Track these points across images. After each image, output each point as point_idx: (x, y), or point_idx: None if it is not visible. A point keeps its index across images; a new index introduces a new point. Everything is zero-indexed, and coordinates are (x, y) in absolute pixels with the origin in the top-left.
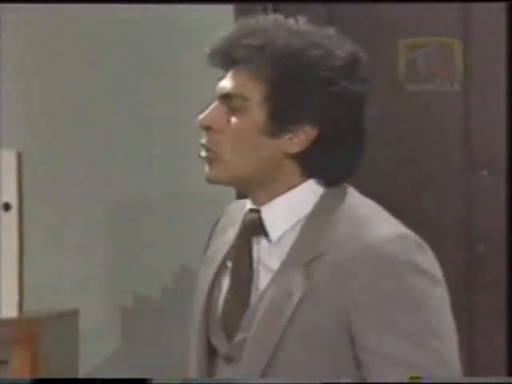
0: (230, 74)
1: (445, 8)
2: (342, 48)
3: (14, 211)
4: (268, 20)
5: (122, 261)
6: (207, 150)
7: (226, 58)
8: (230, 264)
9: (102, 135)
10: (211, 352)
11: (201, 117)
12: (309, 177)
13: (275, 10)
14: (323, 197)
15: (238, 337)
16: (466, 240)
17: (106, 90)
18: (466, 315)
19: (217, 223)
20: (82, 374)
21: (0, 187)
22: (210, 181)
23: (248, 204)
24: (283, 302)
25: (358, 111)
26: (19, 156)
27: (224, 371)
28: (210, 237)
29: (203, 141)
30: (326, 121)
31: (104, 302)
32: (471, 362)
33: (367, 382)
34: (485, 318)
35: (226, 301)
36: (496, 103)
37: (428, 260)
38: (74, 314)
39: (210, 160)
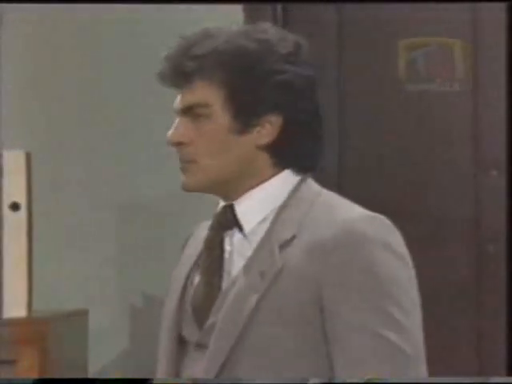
0: (185, 88)
1: (449, 8)
2: (283, 38)
3: (22, 211)
4: (203, 31)
5: (131, 261)
6: (184, 161)
7: (178, 73)
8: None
9: (105, 135)
10: (181, 344)
11: (169, 136)
12: (282, 167)
13: (284, 10)
14: (296, 187)
15: (208, 322)
16: (475, 240)
17: (106, 90)
18: (475, 315)
19: (188, 239)
20: (91, 374)
21: (9, 187)
22: (188, 189)
23: (220, 204)
24: (256, 281)
25: (313, 94)
26: (28, 156)
27: (194, 358)
28: (182, 252)
29: (179, 156)
30: (287, 107)
31: (113, 301)
32: (480, 361)
33: (334, 352)
34: (494, 318)
35: (197, 289)
36: (504, 102)
37: (398, 242)
38: (83, 314)
39: (187, 169)
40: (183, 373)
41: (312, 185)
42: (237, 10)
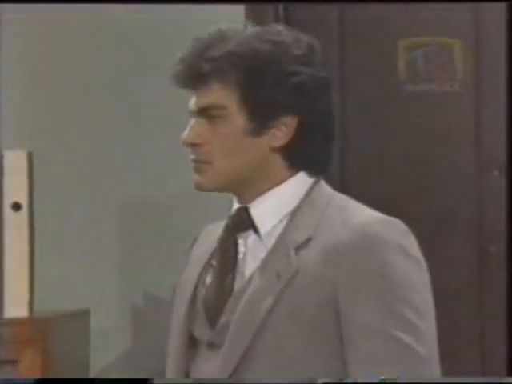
0: (200, 89)
1: (449, 8)
2: (297, 40)
3: (24, 211)
4: (218, 32)
5: (132, 261)
6: (198, 162)
7: (193, 75)
8: (214, 262)
9: (105, 134)
10: (192, 343)
11: (184, 136)
12: (296, 169)
13: (286, 10)
14: (310, 189)
15: (221, 322)
16: (477, 240)
17: (107, 89)
18: (476, 315)
19: (195, 241)
20: (92, 374)
21: (10, 187)
22: (201, 188)
23: (234, 205)
24: (272, 282)
25: (327, 95)
26: (30, 156)
27: (206, 358)
28: (190, 254)
29: (192, 156)
30: (302, 109)
31: (115, 301)
32: (483, 362)
33: (349, 354)
34: (495, 318)
35: (209, 289)
36: (505, 102)
37: (413, 245)
38: (84, 314)
39: (200, 169)
40: (194, 372)
41: (325, 187)
42: (238, 10)
